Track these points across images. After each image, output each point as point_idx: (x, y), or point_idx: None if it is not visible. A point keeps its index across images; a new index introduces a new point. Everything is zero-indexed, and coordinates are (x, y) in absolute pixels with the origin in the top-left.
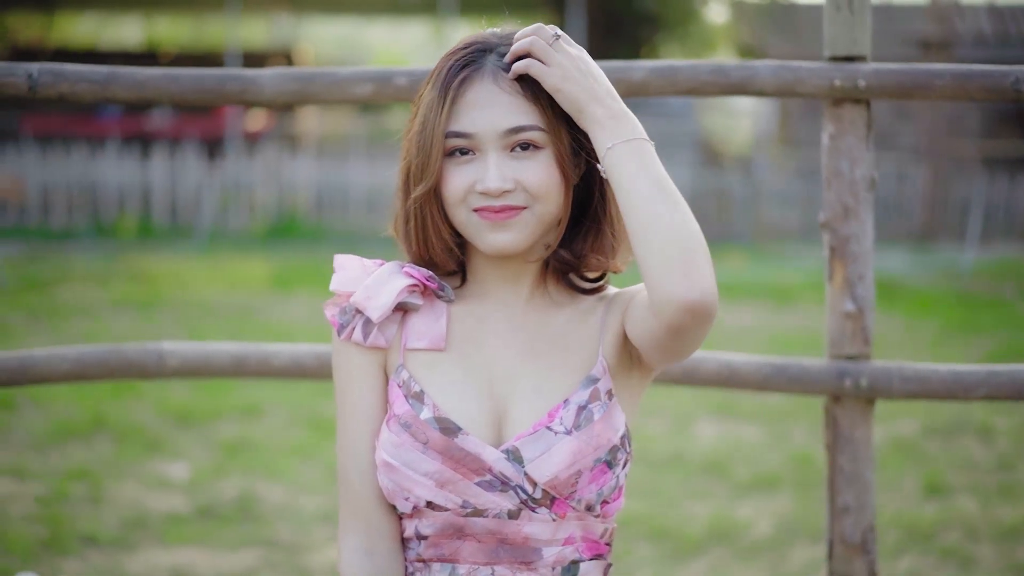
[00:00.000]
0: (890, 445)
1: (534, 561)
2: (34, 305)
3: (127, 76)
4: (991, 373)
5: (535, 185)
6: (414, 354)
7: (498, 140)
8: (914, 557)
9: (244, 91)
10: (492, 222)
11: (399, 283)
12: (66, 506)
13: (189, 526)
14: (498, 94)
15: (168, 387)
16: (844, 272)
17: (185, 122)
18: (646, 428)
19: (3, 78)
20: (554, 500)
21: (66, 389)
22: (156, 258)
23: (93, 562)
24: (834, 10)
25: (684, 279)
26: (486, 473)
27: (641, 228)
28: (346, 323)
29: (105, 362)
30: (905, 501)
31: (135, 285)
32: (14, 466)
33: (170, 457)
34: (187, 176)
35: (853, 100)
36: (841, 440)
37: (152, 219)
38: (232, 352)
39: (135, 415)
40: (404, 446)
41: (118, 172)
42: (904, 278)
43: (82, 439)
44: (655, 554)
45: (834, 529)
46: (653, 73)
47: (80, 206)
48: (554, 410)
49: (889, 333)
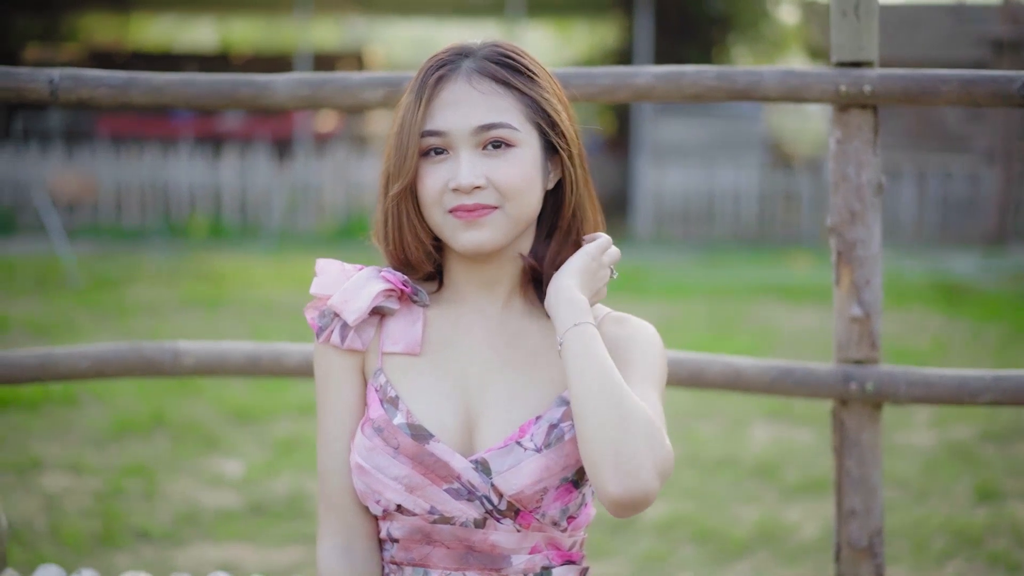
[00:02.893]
0: (945, 450)
1: (504, 568)
2: (103, 303)
3: (145, 81)
4: (997, 378)
5: (505, 183)
6: (391, 358)
7: (470, 137)
8: (960, 562)
9: (257, 96)
10: (465, 221)
11: (375, 287)
12: (121, 501)
13: (239, 522)
14: (471, 93)
15: (228, 385)
16: (851, 276)
17: (256, 123)
18: (698, 431)
19: (26, 83)
20: (518, 512)
21: (129, 387)
22: (225, 258)
23: (144, 556)
24: (840, 16)
25: (614, 478)
26: (454, 481)
27: (579, 419)
28: (325, 326)
29: (123, 360)
30: (956, 507)
31: (203, 284)
32: (73, 461)
33: (225, 454)
34: (257, 177)
35: (860, 105)
36: (848, 444)
37: (222, 219)
38: (246, 351)
39: (195, 412)
40: (376, 450)
41: (190, 172)
42: (973, 281)
43: (141, 435)
44: (699, 556)
45: (841, 533)
46: (658, 79)
47: (152, 206)
48: (526, 425)
49: (954, 337)
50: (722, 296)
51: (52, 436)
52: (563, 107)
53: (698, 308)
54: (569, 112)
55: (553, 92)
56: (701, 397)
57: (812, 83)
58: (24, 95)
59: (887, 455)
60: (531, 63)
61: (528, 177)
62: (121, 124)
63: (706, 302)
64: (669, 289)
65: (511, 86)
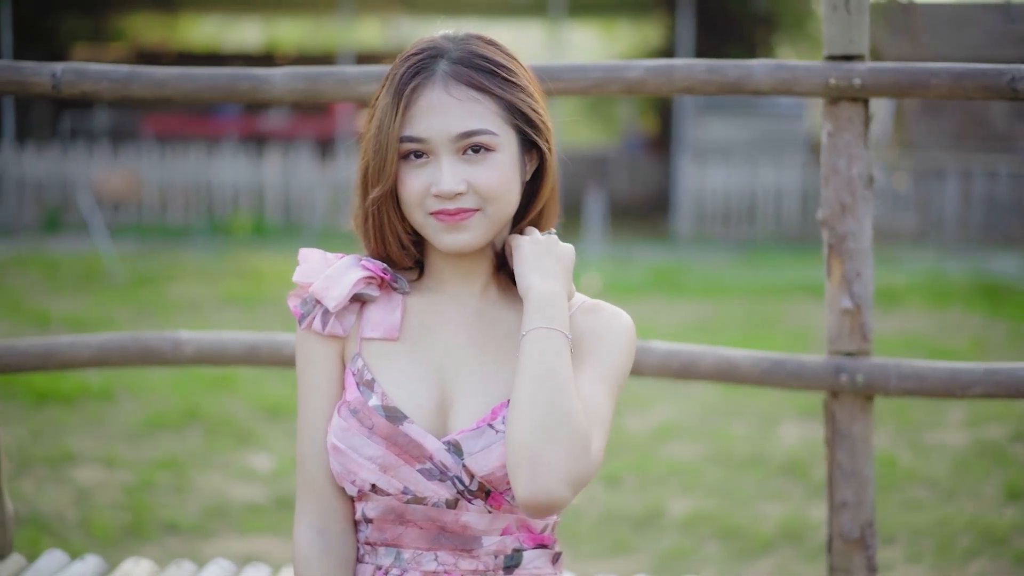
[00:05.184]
0: (975, 450)
1: (475, 549)
2: (143, 300)
3: (146, 75)
4: (988, 371)
5: (486, 187)
6: (370, 343)
7: (450, 144)
8: (985, 561)
9: (255, 89)
10: (447, 224)
11: (355, 275)
12: (151, 494)
13: (266, 515)
14: (449, 100)
15: (262, 381)
16: (842, 269)
17: (299, 123)
18: (728, 429)
19: (29, 77)
20: (489, 493)
21: (165, 382)
22: (267, 256)
23: (171, 548)
24: (831, 10)
25: (526, 483)
26: (427, 461)
27: (510, 417)
28: (307, 313)
29: (125, 349)
30: (983, 506)
31: (243, 282)
32: (106, 455)
33: (256, 449)
34: (300, 175)
35: (850, 99)
36: (839, 436)
37: (265, 217)
38: (245, 341)
39: (228, 408)
40: (351, 431)
41: (233, 171)
42: (1015, 282)
43: (174, 430)
44: (721, 552)
45: (833, 524)
46: (650, 72)
47: (196, 204)
48: (498, 407)
49: (992, 338)
50: (761, 296)
51: (87, 430)
52: (539, 101)
53: (735, 308)
54: (543, 104)
55: (529, 89)
56: (733, 395)
57: (802, 76)
58: (28, 89)
59: (917, 454)
60: (505, 59)
61: (508, 179)
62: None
63: (744, 302)
64: (707, 289)
65: (488, 91)
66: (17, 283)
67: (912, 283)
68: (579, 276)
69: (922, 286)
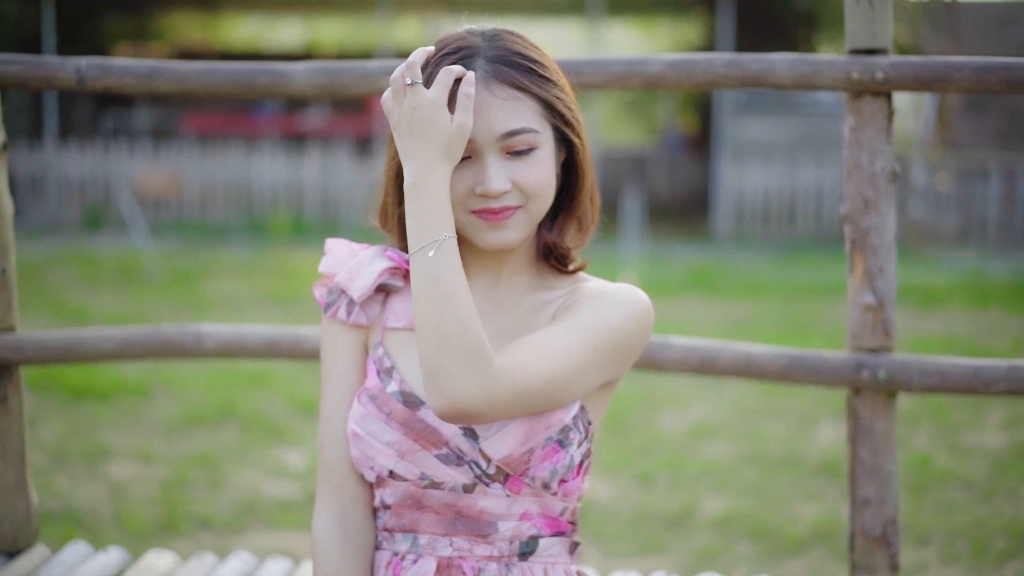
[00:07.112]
0: (1013, 451)
1: (490, 534)
2: (181, 298)
3: (169, 70)
4: (1012, 368)
5: (530, 185)
6: (392, 332)
7: (495, 144)
8: (1021, 564)
9: (275, 84)
10: (491, 223)
11: (380, 265)
12: (185, 490)
13: (298, 511)
14: (492, 100)
15: (299, 378)
16: (864, 264)
17: (337, 121)
18: (764, 428)
19: (55, 72)
20: (508, 476)
21: (201, 379)
22: (305, 254)
23: (202, 543)
24: (854, 3)
25: (434, 394)
26: (443, 446)
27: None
28: (332, 302)
29: (147, 342)
30: (1021, 508)
31: (281, 280)
32: (141, 451)
33: (290, 445)
34: (339, 174)
35: (872, 93)
36: (861, 432)
37: (304, 216)
38: (265, 335)
39: (264, 404)
40: (369, 416)
41: (272, 170)
42: None
43: (210, 427)
44: (753, 552)
45: (855, 522)
46: (670, 66)
47: (236, 203)
48: None
49: None
50: (799, 295)
51: (123, 426)
52: (569, 95)
53: (772, 308)
54: (573, 97)
55: (560, 83)
56: (769, 395)
57: (824, 71)
58: (53, 83)
59: (954, 455)
60: (539, 56)
61: (549, 176)
62: (206, 122)
63: (782, 302)
64: (745, 289)
65: (528, 90)
66: (57, 280)
67: (953, 284)
68: (616, 275)
69: (963, 287)
